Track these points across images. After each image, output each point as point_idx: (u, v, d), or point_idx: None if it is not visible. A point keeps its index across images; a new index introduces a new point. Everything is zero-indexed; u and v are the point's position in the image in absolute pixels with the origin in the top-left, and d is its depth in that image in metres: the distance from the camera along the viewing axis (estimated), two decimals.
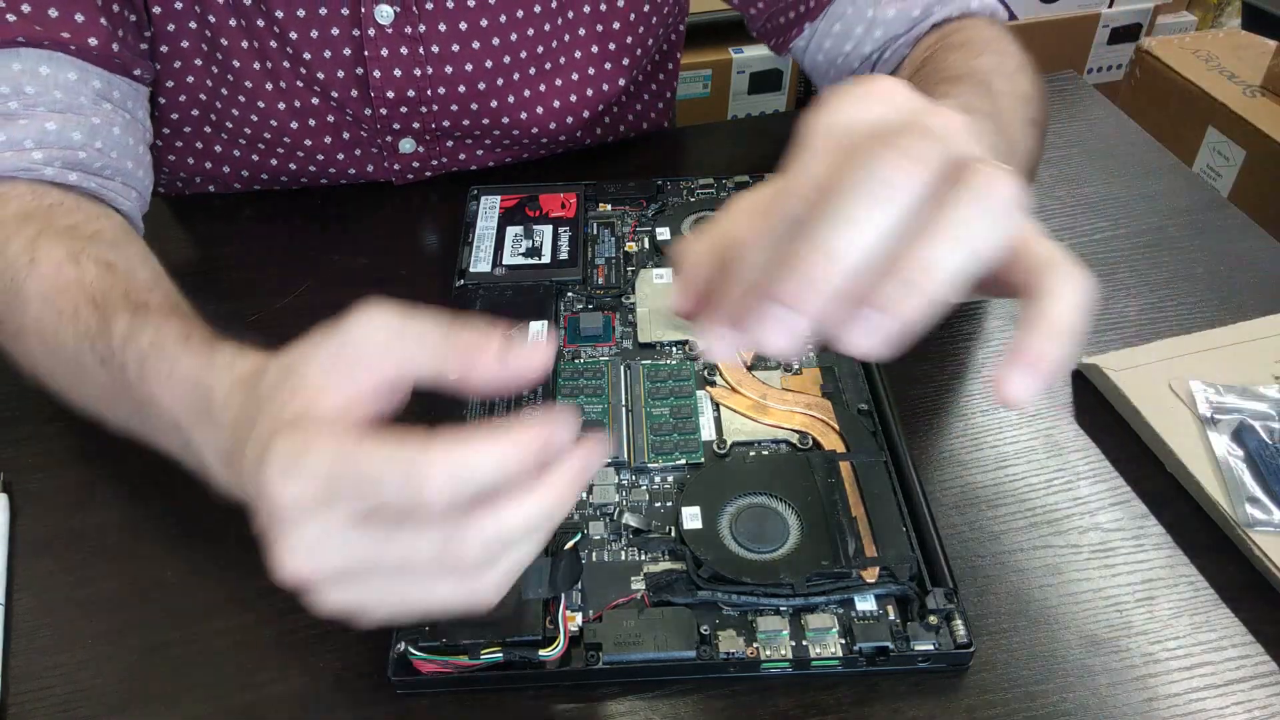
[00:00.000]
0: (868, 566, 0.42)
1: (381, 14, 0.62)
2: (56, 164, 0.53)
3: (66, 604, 0.45)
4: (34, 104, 0.53)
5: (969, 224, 0.27)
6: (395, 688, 0.41)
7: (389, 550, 0.30)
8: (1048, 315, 0.28)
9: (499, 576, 0.31)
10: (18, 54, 0.53)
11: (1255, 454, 0.48)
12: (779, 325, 0.27)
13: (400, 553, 0.29)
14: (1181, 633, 0.43)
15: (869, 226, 0.27)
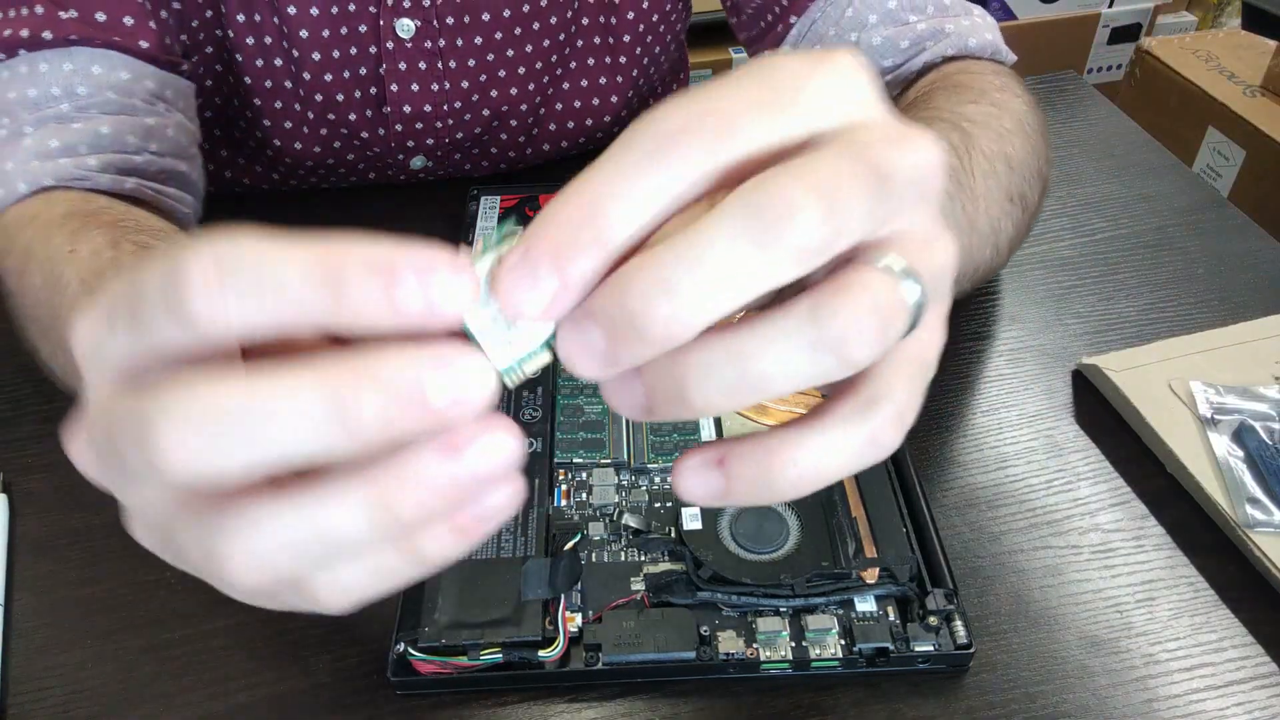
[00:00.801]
0: (867, 567, 0.42)
1: (403, 28, 0.63)
2: (112, 170, 0.52)
3: (66, 604, 0.45)
4: (86, 106, 0.52)
5: (810, 351, 0.20)
6: (395, 688, 0.41)
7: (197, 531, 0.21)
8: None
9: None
10: (69, 54, 0.52)
11: (1255, 454, 0.48)
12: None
13: (176, 552, 0.22)
14: (1182, 634, 0.43)
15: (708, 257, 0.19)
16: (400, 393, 0.19)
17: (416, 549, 0.21)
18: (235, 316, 0.19)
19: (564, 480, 0.47)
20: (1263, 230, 0.65)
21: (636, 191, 0.20)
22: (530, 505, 0.45)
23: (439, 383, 0.19)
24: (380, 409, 0.19)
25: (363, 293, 0.19)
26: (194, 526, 0.21)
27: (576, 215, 0.20)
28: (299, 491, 0.20)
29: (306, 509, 0.20)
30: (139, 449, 0.19)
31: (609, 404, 0.22)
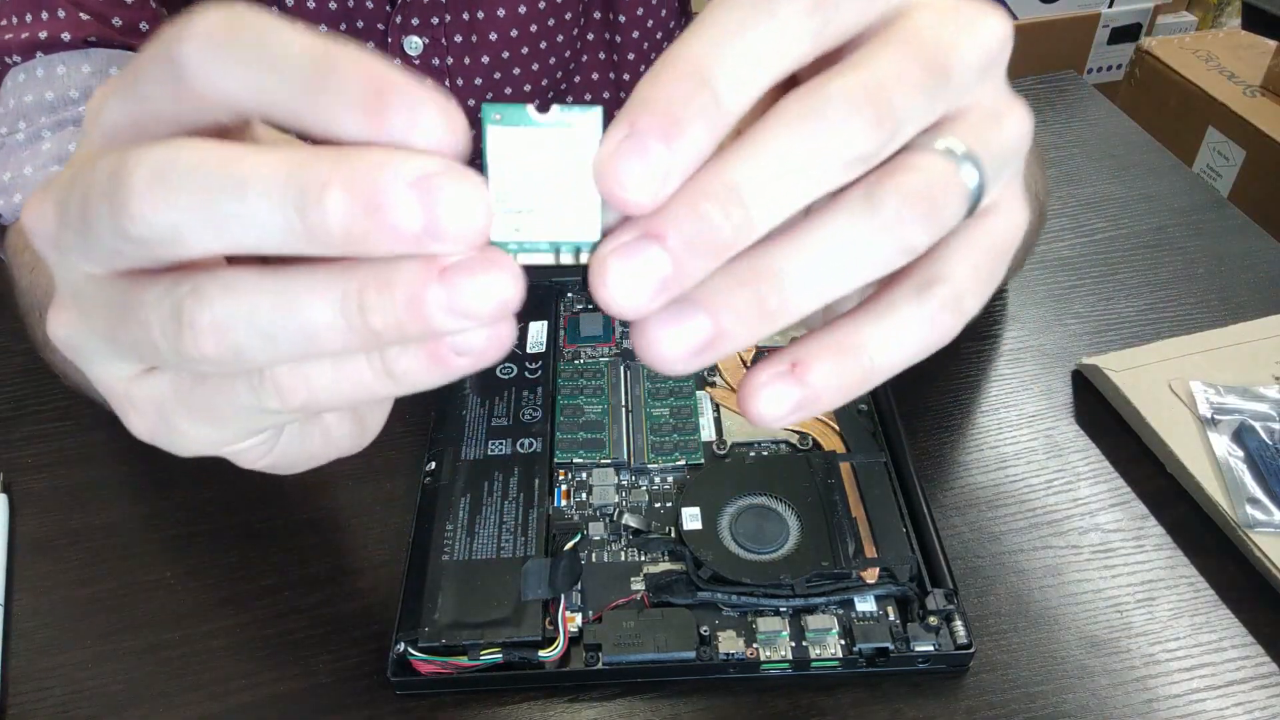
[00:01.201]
0: (867, 567, 0.42)
1: (411, 45, 0.63)
2: None
3: (66, 604, 0.45)
4: None
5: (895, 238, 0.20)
6: (395, 688, 0.41)
7: (120, 305, 0.21)
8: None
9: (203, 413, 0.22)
10: (87, 55, 0.51)
11: (1255, 455, 0.48)
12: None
13: (133, 321, 0.21)
14: (1182, 634, 0.43)
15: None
16: (370, 199, 0.17)
17: (388, 364, 0.20)
18: (230, 87, 0.18)
19: (564, 480, 0.47)
20: (1263, 230, 0.65)
21: (746, 54, 0.19)
22: (530, 505, 0.45)
23: (415, 198, 0.17)
24: (346, 209, 0.17)
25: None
26: (161, 293, 0.20)
27: (686, 81, 0.18)
28: (276, 270, 0.19)
29: (281, 284, 0.19)
30: (109, 200, 0.19)
31: (653, 354, 0.20)
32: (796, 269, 0.20)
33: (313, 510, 0.49)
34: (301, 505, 0.49)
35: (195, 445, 0.24)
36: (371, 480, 0.50)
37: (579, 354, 0.54)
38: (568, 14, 0.66)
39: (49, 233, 0.21)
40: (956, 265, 0.22)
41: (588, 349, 0.54)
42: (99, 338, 0.22)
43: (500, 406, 0.50)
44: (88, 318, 0.22)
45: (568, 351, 0.54)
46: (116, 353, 0.22)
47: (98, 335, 0.22)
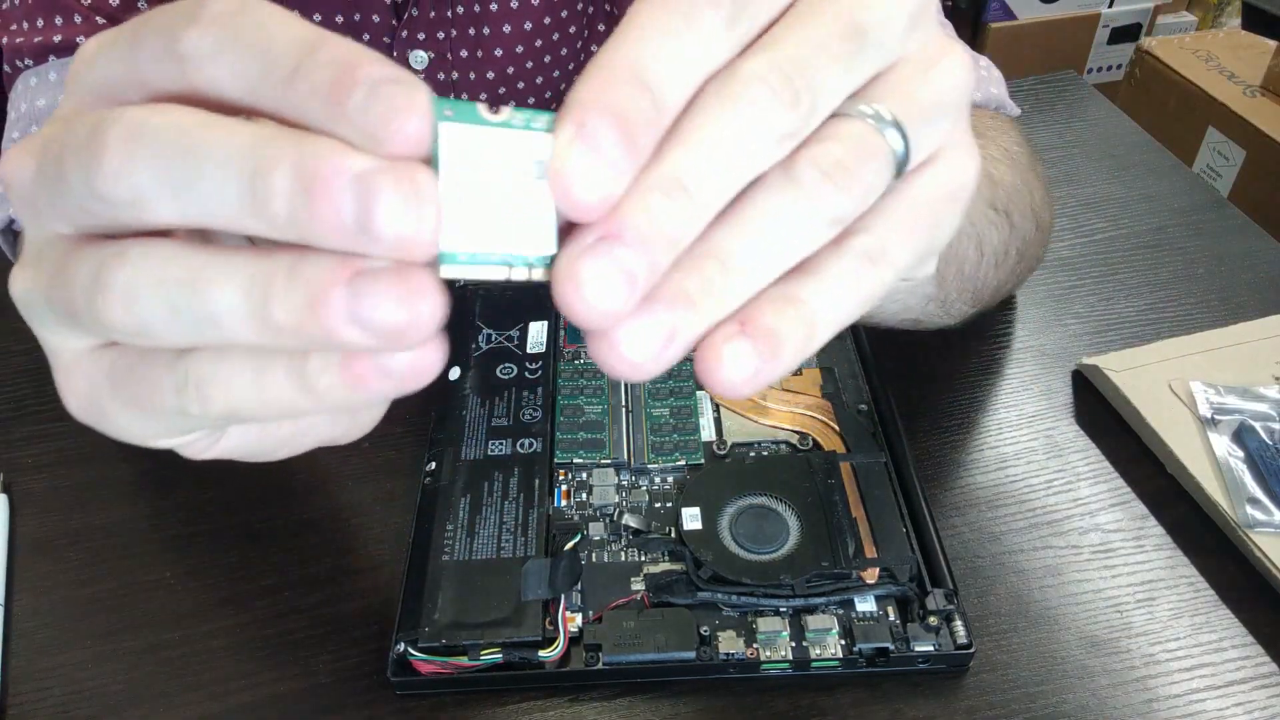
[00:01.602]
0: (867, 567, 0.42)
1: (416, 59, 0.63)
2: None
3: (66, 604, 0.45)
4: None
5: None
6: (395, 688, 0.41)
7: (54, 271, 0.21)
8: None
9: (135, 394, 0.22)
10: None
11: (1256, 455, 0.48)
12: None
13: (61, 279, 0.21)
14: (1182, 634, 0.43)
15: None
16: (312, 184, 0.17)
17: (308, 379, 0.20)
18: (224, 78, 0.18)
19: (564, 480, 0.47)
20: (1263, 230, 0.65)
21: (677, 55, 0.19)
22: (530, 505, 0.45)
23: (363, 194, 0.17)
24: (291, 191, 0.17)
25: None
26: (92, 252, 0.20)
27: (626, 85, 0.18)
28: (196, 244, 0.19)
29: (197, 259, 0.19)
30: (84, 154, 0.19)
31: (618, 358, 0.20)
32: (736, 249, 0.20)
33: (313, 510, 0.49)
34: (301, 505, 0.49)
35: (124, 433, 0.23)
36: (371, 480, 0.50)
37: (579, 354, 0.54)
38: (572, 28, 0.67)
39: (25, 186, 0.20)
40: (876, 218, 0.22)
41: (588, 349, 0.54)
42: (45, 299, 0.21)
43: (500, 406, 0.50)
44: (40, 276, 0.21)
45: (568, 351, 0.54)
46: (61, 319, 0.21)
47: (44, 296, 0.21)
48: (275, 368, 0.20)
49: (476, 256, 0.18)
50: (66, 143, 0.19)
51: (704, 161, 0.19)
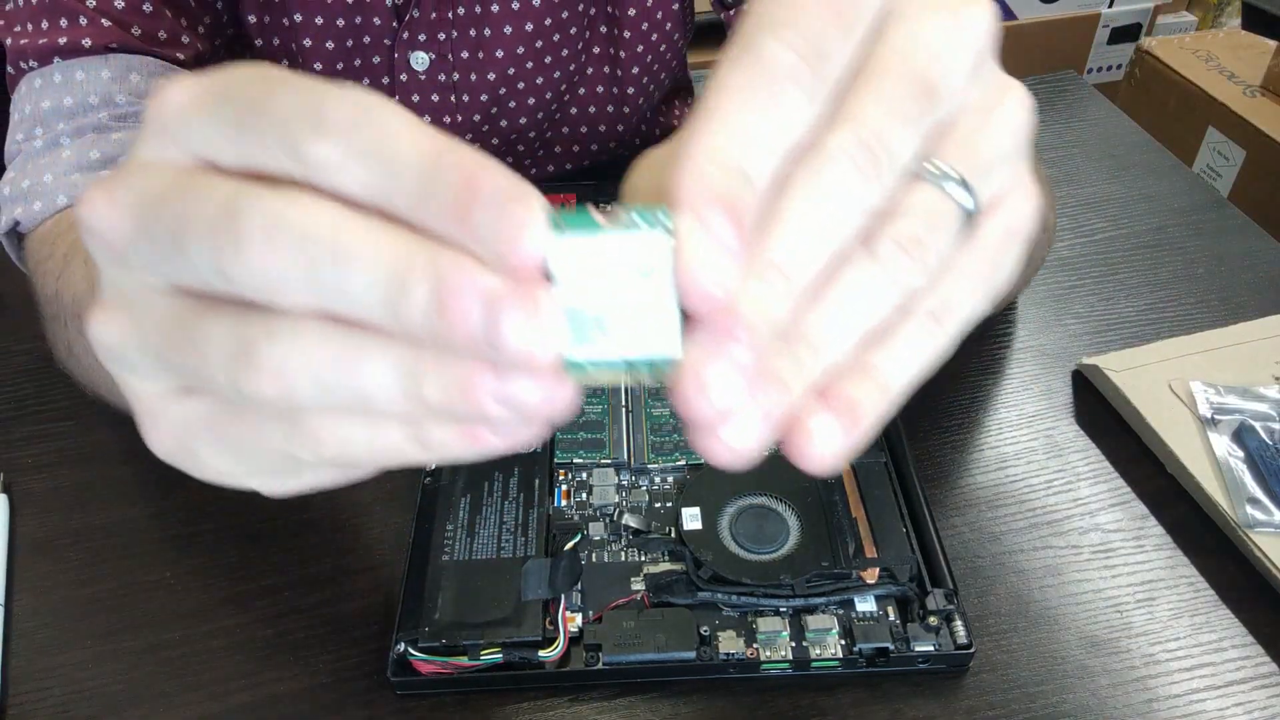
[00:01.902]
0: (868, 567, 0.42)
1: (417, 60, 0.63)
2: None
3: (66, 604, 0.45)
4: (125, 115, 0.50)
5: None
6: (395, 688, 0.41)
7: (182, 333, 0.21)
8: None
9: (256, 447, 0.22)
10: (108, 60, 0.51)
11: (1256, 455, 0.48)
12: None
13: (192, 344, 0.21)
14: (1182, 634, 0.43)
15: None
16: (448, 302, 0.18)
17: (423, 433, 0.21)
18: (347, 183, 0.19)
19: (564, 480, 0.47)
20: (1263, 230, 0.65)
21: (771, 133, 0.20)
22: (530, 505, 0.45)
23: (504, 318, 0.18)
24: (428, 304, 0.18)
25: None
26: (232, 325, 0.20)
27: (729, 176, 0.19)
28: (348, 329, 0.19)
29: (349, 342, 0.19)
30: (216, 237, 0.19)
31: (727, 449, 0.20)
32: (822, 328, 0.20)
33: (313, 510, 0.49)
34: (301, 505, 0.49)
35: (210, 473, 0.24)
36: (371, 480, 0.49)
37: None
38: (573, 28, 0.67)
39: (116, 239, 0.21)
40: (941, 277, 0.22)
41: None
42: (145, 350, 0.22)
43: None
44: (139, 328, 0.22)
45: None
46: (160, 368, 0.22)
47: (145, 347, 0.22)
48: (393, 421, 0.21)
49: (598, 363, 0.19)
50: (188, 216, 0.19)
51: (799, 245, 0.20)
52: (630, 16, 0.68)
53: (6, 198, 0.50)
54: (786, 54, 0.20)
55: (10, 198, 0.50)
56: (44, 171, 0.49)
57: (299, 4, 0.60)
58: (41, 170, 0.50)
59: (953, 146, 0.22)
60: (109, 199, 0.20)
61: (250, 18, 0.60)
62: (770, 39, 0.20)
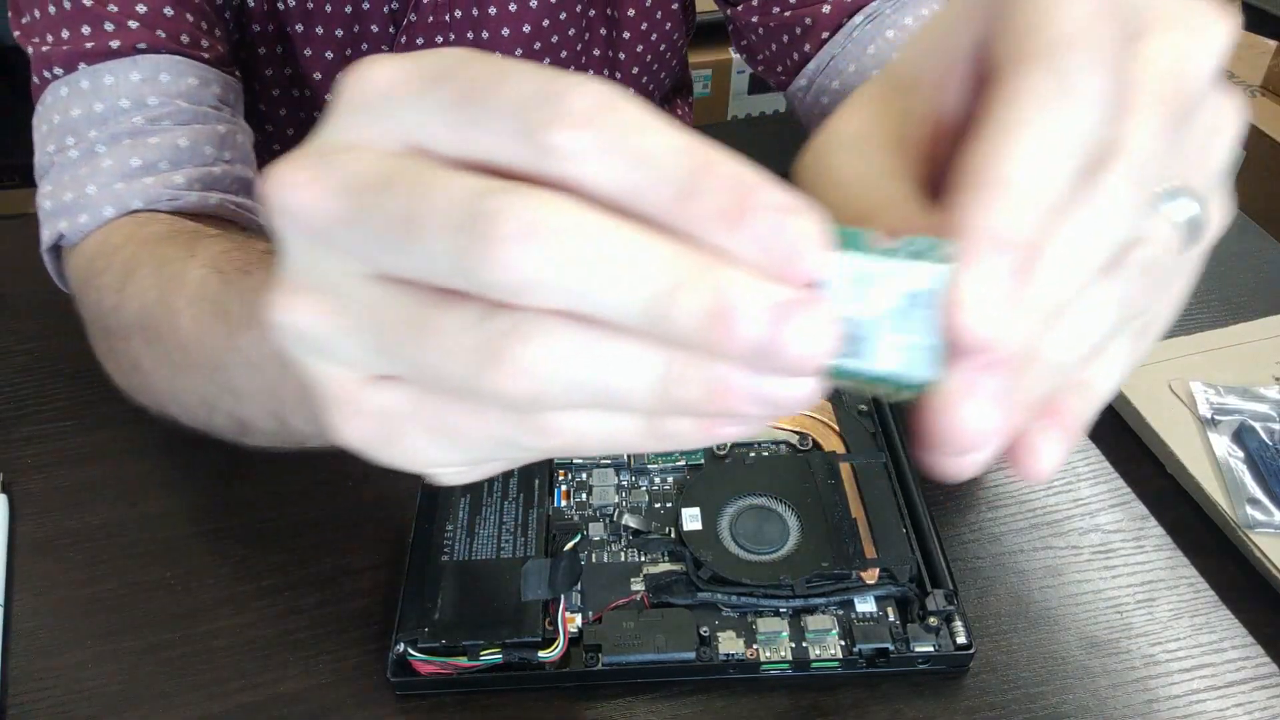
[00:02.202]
0: (867, 568, 0.42)
1: None
2: (197, 185, 0.49)
3: (66, 604, 0.45)
4: (159, 117, 0.49)
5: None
6: (395, 688, 0.41)
7: (406, 324, 0.20)
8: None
9: (503, 441, 0.21)
10: (136, 63, 0.49)
11: (1256, 455, 0.48)
12: None
13: (420, 337, 0.20)
14: (1182, 634, 0.43)
15: None
16: (727, 313, 0.17)
17: (658, 425, 0.20)
18: (598, 179, 0.18)
19: (564, 480, 0.47)
20: (1263, 230, 0.65)
21: (1063, 172, 0.19)
22: (530, 505, 0.45)
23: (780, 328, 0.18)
24: (701, 315, 0.18)
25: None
26: (474, 318, 0.19)
27: (1029, 211, 0.19)
28: (600, 329, 0.19)
29: (602, 343, 0.19)
30: (460, 235, 0.18)
31: (961, 473, 0.20)
32: (1068, 354, 0.20)
33: (313, 510, 0.49)
34: (301, 505, 0.49)
35: (413, 460, 0.22)
36: (372, 481, 0.50)
37: None
38: (571, 30, 0.67)
39: (322, 222, 0.20)
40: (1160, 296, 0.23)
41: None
42: (351, 336, 0.21)
43: None
44: (343, 314, 0.21)
45: None
46: (366, 355, 0.21)
47: (351, 333, 0.21)
48: (630, 414, 0.20)
49: (857, 373, 0.19)
50: (422, 209, 0.18)
51: (1066, 281, 0.19)
52: (630, 17, 0.68)
53: (48, 212, 0.49)
54: (1091, 80, 0.19)
55: (52, 211, 0.49)
56: (85, 183, 0.48)
57: (300, 15, 0.60)
58: (82, 182, 0.48)
59: (1189, 165, 0.21)
60: (313, 179, 0.19)
61: (255, 27, 0.60)
62: (1073, 58, 0.19)
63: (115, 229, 0.47)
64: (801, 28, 0.59)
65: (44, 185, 0.50)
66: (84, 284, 0.47)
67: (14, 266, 0.62)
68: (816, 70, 0.59)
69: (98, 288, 0.45)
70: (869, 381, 0.20)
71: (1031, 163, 0.19)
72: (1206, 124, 0.22)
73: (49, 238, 0.49)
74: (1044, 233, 0.19)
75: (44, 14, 0.51)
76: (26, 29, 0.52)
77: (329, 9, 0.60)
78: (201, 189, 0.49)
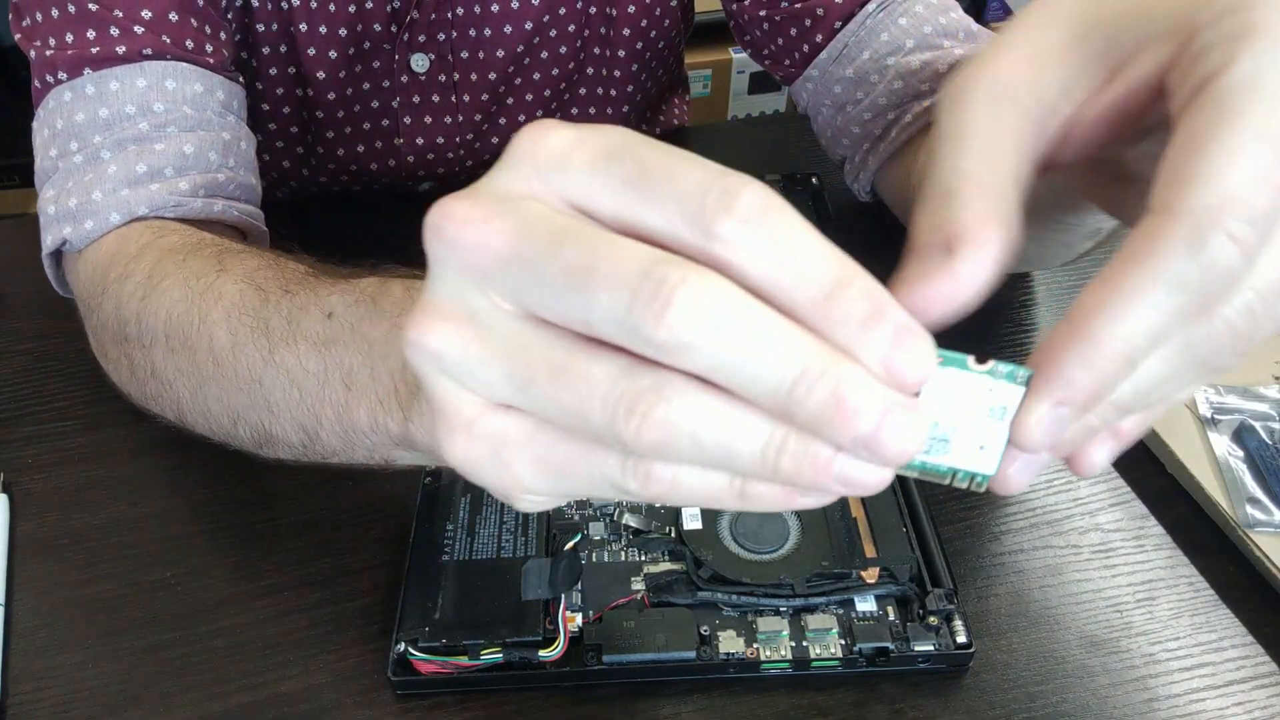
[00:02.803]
0: (868, 567, 0.42)
1: (417, 62, 0.64)
2: (201, 192, 0.49)
3: (66, 604, 0.45)
4: (164, 123, 0.49)
5: None
6: (395, 688, 0.41)
7: (553, 366, 0.22)
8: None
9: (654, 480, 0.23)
10: (142, 69, 0.49)
11: (1255, 454, 0.48)
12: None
13: (566, 378, 0.22)
14: (1181, 633, 0.43)
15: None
16: (847, 405, 0.20)
17: (747, 488, 0.23)
18: (749, 268, 0.21)
19: None
20: None
21: (1158, 333, 0.22)
22: None
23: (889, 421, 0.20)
24: (827, 403, 0.20)
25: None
26: (619, 371, 0.21)
27: (1113, 364, 0.22)
28: (724, 395, 0.21)
29: (729, 411, 0.21)
30: (636, 297, 0.20)
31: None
32: (1120, 411, 0.26)
33: (313, 510, 0.49)
34: (302, 505, 0.49)
35: (511, 486, 0.24)
36: (372, 481, 0.50)
37: None
38: (571, 26, 0.67)
39: (487, 260, 0.22)
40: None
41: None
42: (490, 366, 0.23)
43: None
44: (487, 345, 0.23)
45: None
46: (499, 385, 0.23)
47: (490, 363, 0.23)
48: (727, 473, 0.23)
49: (930, 467, 0.24)
50: (601, 265, 0.21)
51: (1142, 401, 0.25)
52: (630, 13, 0.68)
53: (51, 217, 0.49)
54: (1224, 255, 0.21)
55: (56, 217, 0.49)
56: (91, 189, 0.48)
57: (304, 14, 0.60)
58: (88, 188, 0.48)
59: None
60: (484, 219, 0.22)
61: (259, 26, 0.60)
62: (1215, 234, 0.21)
63: (129, 237, 0.47)
64: (812, 19, 0.59)
65: (46, 190, 0.50)
66: (97, 291, 0.47)
67: (14, 266, 0.62)
68: (829, 59, 0.59)
69: (116, 295, 0.45)
70: (939, 474, 0.24)
71: (1123, 334, 0.22)
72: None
73: (52, 243, 0.49)
74: (1115, 388, 0.23)
75: (47, 17, 0.50)
76: (28, 31, 0.51)
77: (333, 8, 0.60)
78: (206, 195, 0.50)
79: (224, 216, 0.50)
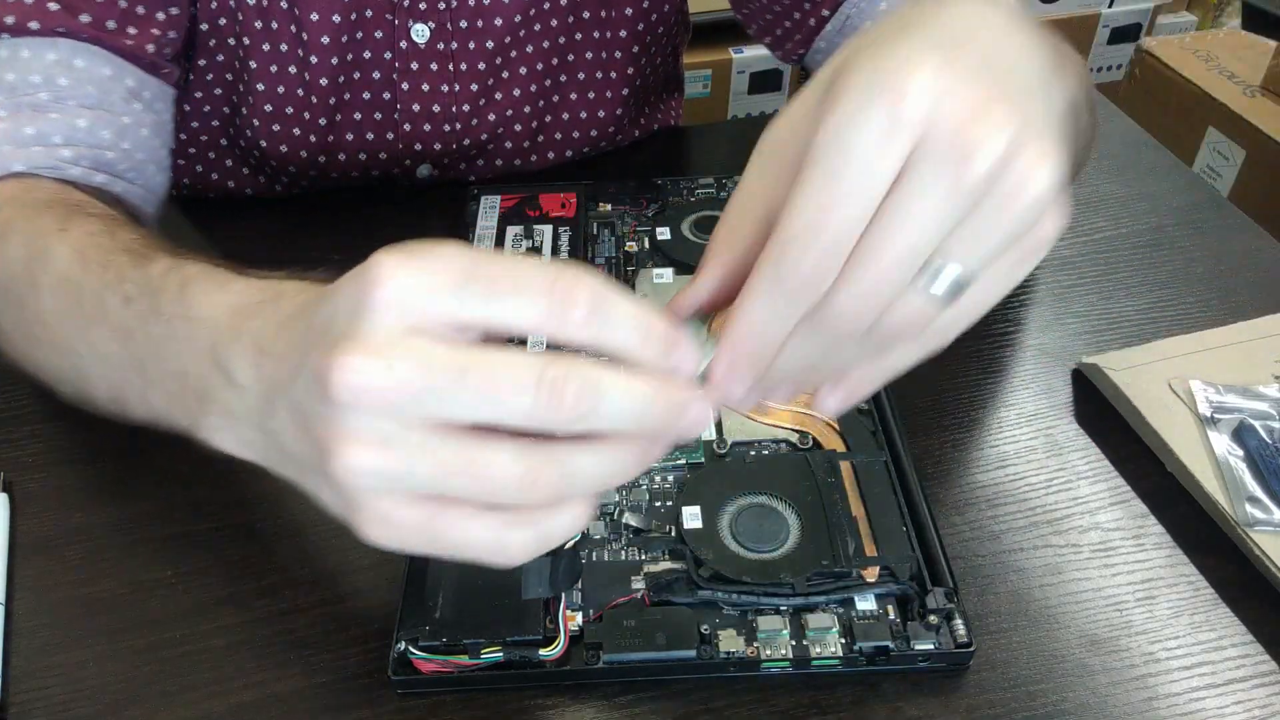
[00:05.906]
0: (868, 566, 0.42)
1: (417, 31, 0.64)
2: (84, 163, 0.52)
3: (66, 604, 0.45)
4: (65, 97, 0.52)
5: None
6: (395, 687, 0.41)
7: (466, 464, 0.28)
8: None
9: (541, 531, 0.30)
10: (55, 44, 0.52)
11: (1255, 453, 0.48)
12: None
13: (477, 470, 0.28)
14: (1181, 632, 0.43)
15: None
16: (682, 414, 0.29)
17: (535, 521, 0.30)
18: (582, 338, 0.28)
19: None
20: (1263, 230, 0.65)
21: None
22: None
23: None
24: (670, 422, 0.29)
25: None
26: (520, 453, 0.28)
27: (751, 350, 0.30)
28: (605, 439, 0.29)
29: (618, 453, 0.29)
30: (541, 398, 0.27)
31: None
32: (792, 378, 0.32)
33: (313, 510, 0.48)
34: (302, 505, 0.48)
35: (417, 550, 0.30)
36: None
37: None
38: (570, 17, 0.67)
39: (398, 398, 0.27)
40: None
41: None
42: (412, 475, 0.28)
43: None
44: (407, 459, 0.28)
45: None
46: (418, 483, 0.28)
47: (413, 473, 0.28)
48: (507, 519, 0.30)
49: None
50: (499, 382, 0.27)
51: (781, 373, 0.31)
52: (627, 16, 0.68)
53: None
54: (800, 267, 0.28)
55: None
56: None
57: None
58: None
59: (964, 240, 0.28)
60: (386, 366, 0.27)
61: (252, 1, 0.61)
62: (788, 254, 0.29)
63: (1, 188, 0.49)
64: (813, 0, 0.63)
65: None
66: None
67: None
68: (834, 31, 0.63)
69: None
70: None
71: (757, 318, 0.29)
72: (997, 196, 0.27)
73: None
74: (759, 359, 0.30)
75: None
76: None
77: None
78: (88, 167, 0.52)
79: (107, 187, 0.53)
